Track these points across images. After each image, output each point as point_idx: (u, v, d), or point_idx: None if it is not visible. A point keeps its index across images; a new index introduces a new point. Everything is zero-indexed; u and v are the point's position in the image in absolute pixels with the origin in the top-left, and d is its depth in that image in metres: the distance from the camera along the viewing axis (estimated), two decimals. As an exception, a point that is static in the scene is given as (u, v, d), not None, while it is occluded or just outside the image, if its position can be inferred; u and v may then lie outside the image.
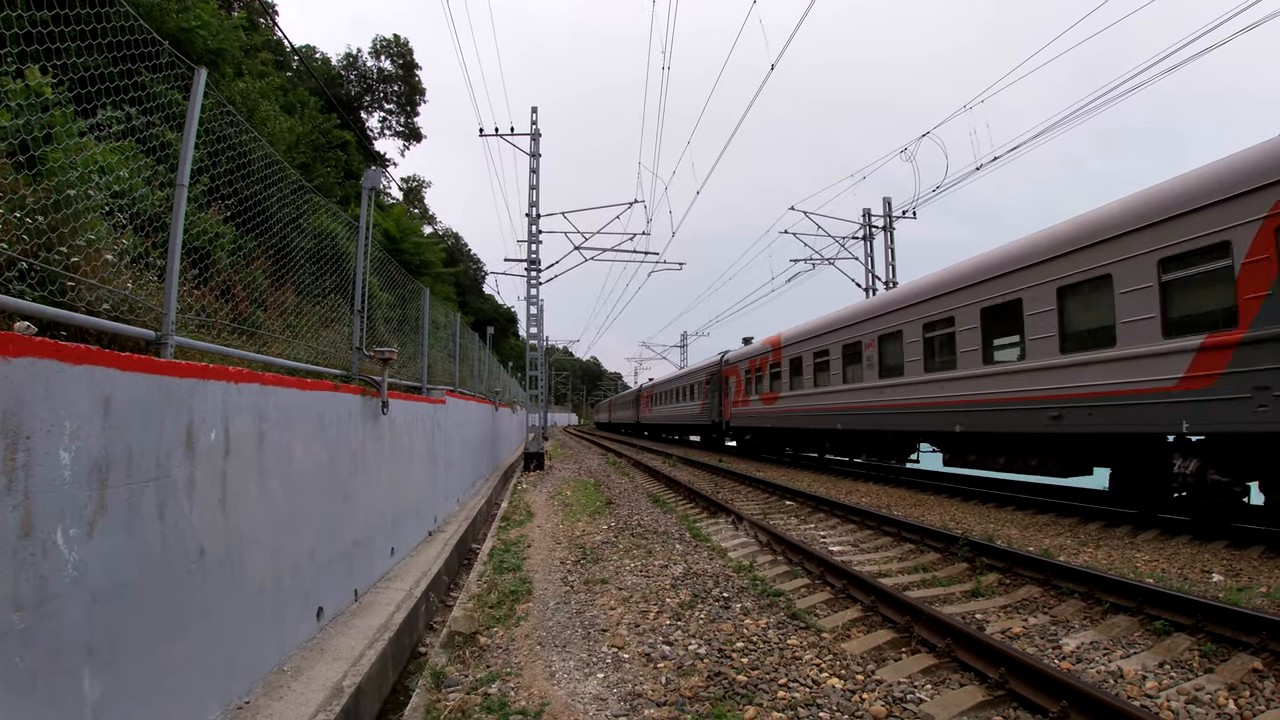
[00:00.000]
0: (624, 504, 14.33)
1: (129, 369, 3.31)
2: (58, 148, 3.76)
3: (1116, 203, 10.40)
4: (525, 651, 5.71)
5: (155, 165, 4.72)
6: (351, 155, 26.77)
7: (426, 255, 34.47)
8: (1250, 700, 4.50)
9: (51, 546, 2.77)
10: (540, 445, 23.47)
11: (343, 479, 6.43)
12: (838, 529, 11.26)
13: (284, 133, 16.52)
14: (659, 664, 5.29)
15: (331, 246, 7.43)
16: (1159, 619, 5.95)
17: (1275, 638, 5.14)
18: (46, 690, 2.71)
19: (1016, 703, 4.54)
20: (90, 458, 3.02)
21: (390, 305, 10.51)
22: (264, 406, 4.80)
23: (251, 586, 4.54)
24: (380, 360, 7.53)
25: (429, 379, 11.49)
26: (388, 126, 45.37)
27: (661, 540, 10.18)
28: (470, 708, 4.63)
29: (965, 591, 7.28)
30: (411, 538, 9.13)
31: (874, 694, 4.69)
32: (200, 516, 3.93)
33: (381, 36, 44.10)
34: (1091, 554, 8.63)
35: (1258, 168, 8.13)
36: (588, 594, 7.32)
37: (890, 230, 26.69)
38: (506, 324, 63.91)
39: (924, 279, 15.71)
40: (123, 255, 4.16)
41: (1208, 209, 8.73)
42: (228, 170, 5.39)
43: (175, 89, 4.57)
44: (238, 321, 5.66)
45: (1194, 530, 9.52)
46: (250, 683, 4.45)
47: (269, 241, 6.15)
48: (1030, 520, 11.31)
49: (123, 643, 3.18)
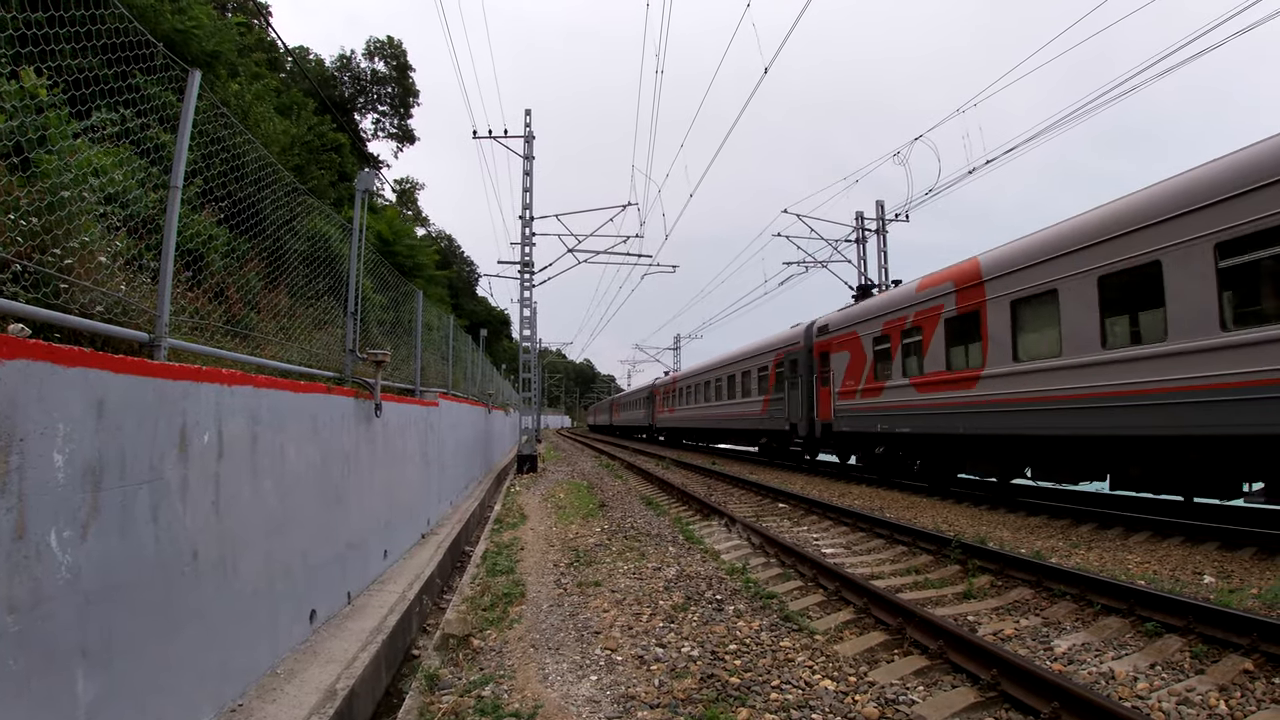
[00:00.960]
0: (617, 506, 14.33)
1: (123, 371, 3.31)
2: (52, 150, 3.76)
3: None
4: (519, 654, 5.71)
5: (149, 167, 4.71)
6: (345, 157, 26.75)
7: (420, 258, 34.41)
8: (1241, 701, 4.53)
9: (45, 549, 2.77)
10: (533, 448, 23.45)
11: (336, 481, 6.42)
12: (830, 531, 11.28)
13: (278, 135, 16.50)
14: (652, 666, 5.29)
15: (325, 249, 7.42)
16: (1150, 620, 5.98)
17: (1267, 639, 5.17)
18: (41, 692, 2.71)
19: (1009, 704, 4.56)
20: (84, 460, 3.01)
21: (383, 307, 10.50)
22: (257, 409, 4.79)
23: (244, 589, 4.53)
24: (373, 362, 7.52)
25: (422, 381, 11.48)
26: (381, 128, 45.39)
27: (655, 542, 10.19)
28: (464, 710, 4.63)
29: (957, 593, 7.31)
30: (404, 540, 9.11)
31: (867, 696, 4.70)
32: (193, 519, 3.92)
33: (375, 38, 44.18)
34: (1083, 556, 8.67)
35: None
36: (581, 596, 7.32)
37: (883, 233, 26.77)
38: (500, 326, 63.82)
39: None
40: (116, 257, 4.15)
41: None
42: (221, 172, 5.38)
43: (169, 91, 4.56)
44: (231, 324, 5.65)
45: (1186, 532, 9.55)
46: (243, 685, 4.44)
47: (262, 244, 6.14)
48: (1022, 522, 11.35)
49: (116, 645, 3.18)
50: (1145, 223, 9.53)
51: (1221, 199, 8.52)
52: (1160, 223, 9.32)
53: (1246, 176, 8.26)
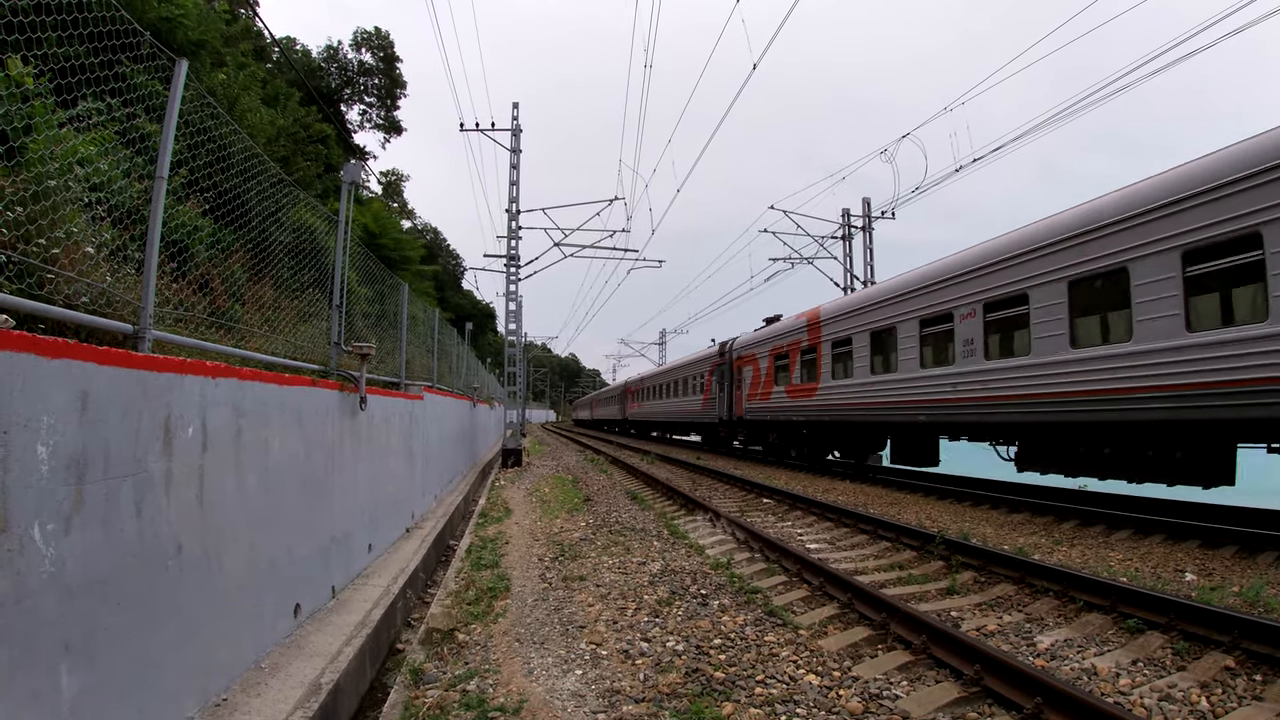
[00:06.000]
0: (602, 501, 14.34)
1: (107, 363, 3.28)
2: (38, 139, 3.71)
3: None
4: (503, 648, 5.71)
5: (134, 157, 4.66)
6: (331, 149, 26.53)
7: (406, 251, 34.21)
8: (1222, 698, 4.59)
9: (29, 542, 2.74)
10: (518, 442, 23.40)
11: (320, 475, 6.39)
12: (815, 527, 11.33)
13: (264, 125, 16.35)
14: (637, 661, 5.31)
15: (310, 241, 7.37)
16: (1132, 617, 6.05)
17: (1247, 636, 5.24)
18: (24, 686, 2.69)
19: (991, 699, 4.61)
20: (67, 453, 2.99)
21: (369, 300, 10.44)
22: (241, 401, 4.76)
23: (229, 583, 4.51)
24: (358, 355, 7.48)
25: (407, 374, 11.44)
26: (368, 119, 45.03)
27: (639, 537, 10.21)
28: (449, 704, 4.64)
29: (941, 589, 7.36)
30: (389, 534, 9.09)
31: (850, 690, 4.74)
32: (177, 512, 3.90)
33: (362, 29, 43.75)
34: (1066, 553, 8.76)
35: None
36: (566, 591, 7.33)
37: (869, 230, 26.89)
38: (485, 320, 63.63)
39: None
40: (101, 248, 4.11)
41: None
42: (207, 163, 5.33)
43: (156, 80, 4.52)
44: (215, 316, 5.61)
45: (1168, 530, 9.66)
46: (228, 679, 4.42)
47: (248, 235, 6.10)
48: (1005, 519, 11.45)
49: (100, 639, 3.15)
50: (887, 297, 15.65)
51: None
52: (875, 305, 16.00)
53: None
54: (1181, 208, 8.90)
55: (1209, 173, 8.61)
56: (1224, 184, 8.37)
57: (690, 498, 13.86)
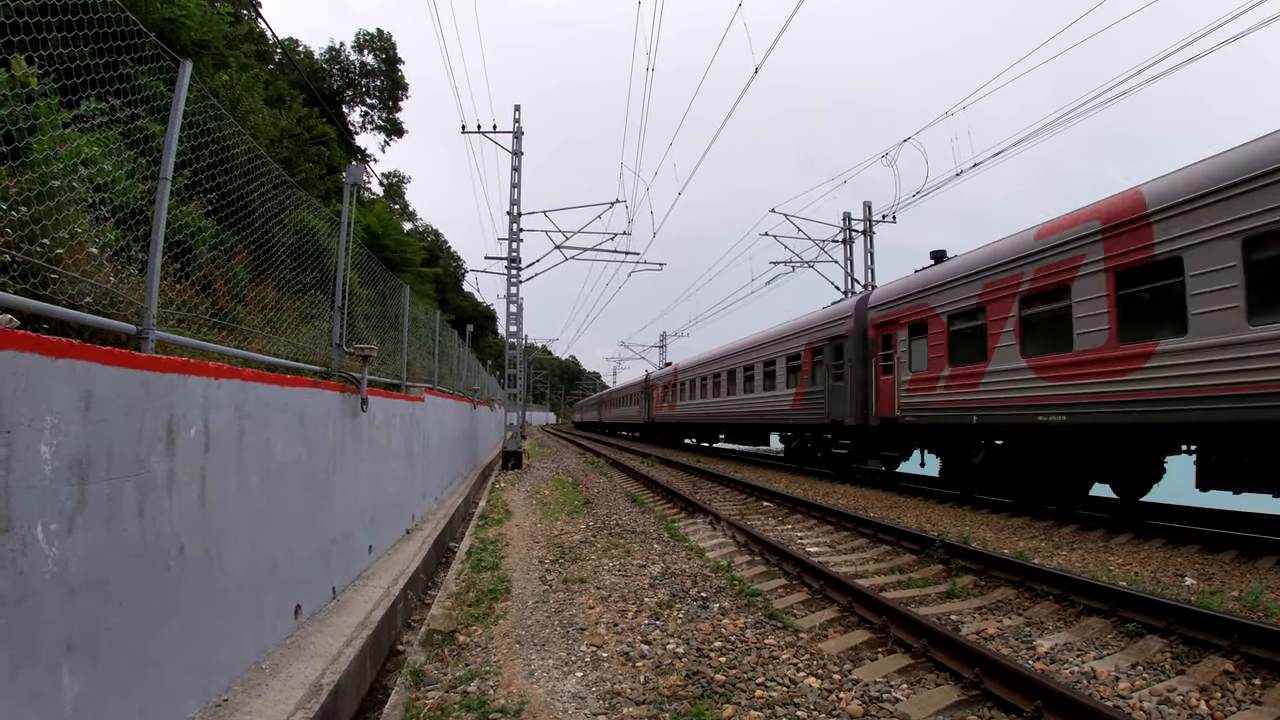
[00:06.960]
0: (602, 503, 14.34)
1: (110, 363, 3.29)
2: (42, 139, 3.72)
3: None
4: (504, 650, 5.71)
5: (138, 158, 4.67)
6: (333, 151, 26.55)
7: (408, 252, 34.21)
8: (1221, 701, 4.60)
9: (31, 542, 2.74)
10: (518, 444, 23.39)
11: (321, 476, 6.40)
12: (815, 530, 11.33)
13: (267, 126, 16.37)
14: (637, 663, 5.31)
15: (313, 242, 7.38)
16: (1132, 621, 6.04)
17: (1247, 640, 5.25)
18: (26, 686, 2.69)
19: (991, 703, 4.61)
20: (71, 452, 2.99)
21: (370, 302, 10.45)
22: (244, 402, 4.77)
23: (230, 583, 4.51)
24: (360, 357, 7.49)
25: (408, 376, 11.44)
26: (370, 121, 45.05)
27: (640, 540, 10.21)
28: (449, 706, 4.64)
29: (941, 593, 7.36)
30: (390, 535, 9.09)
31: (851, 693, 4.74)
32: (179, 513, 3.90)
33: (365, 31, 43.75)
34: (1066, 557, 8.76)
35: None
36: (566, 593, 7.33)
37: (870, 234, 26.88)
38: (486, 322, 63.62)
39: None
40: (104, 249, 4.12)
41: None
42: (210, 164, 5.34)
43: (159, 81, 4.53)
44: (218, 316, 5.62)
45: (1167, 535, 9.66)
46: (229, 680, 4.42)
47: (251, 236, 6.10)
48: (1005, 523, 11.44)
49: (102, 639, 3.16)
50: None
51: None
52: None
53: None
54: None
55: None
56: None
57: (690, 500, 13.86)
